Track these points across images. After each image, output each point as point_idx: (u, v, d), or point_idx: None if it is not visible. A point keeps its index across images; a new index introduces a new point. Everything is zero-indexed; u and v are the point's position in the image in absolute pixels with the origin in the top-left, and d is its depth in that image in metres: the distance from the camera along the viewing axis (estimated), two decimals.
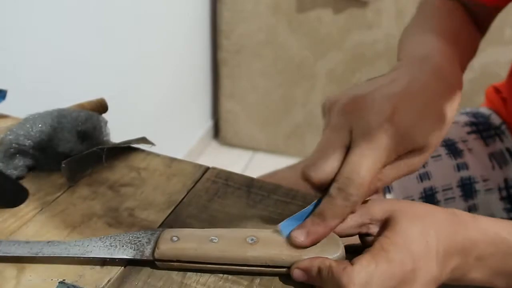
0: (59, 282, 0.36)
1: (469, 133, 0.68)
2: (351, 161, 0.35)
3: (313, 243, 0.36)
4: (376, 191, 0.37)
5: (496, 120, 0.70)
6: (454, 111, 0.39)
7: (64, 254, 0.38)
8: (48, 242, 0.39)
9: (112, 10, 1.16)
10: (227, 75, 1.75)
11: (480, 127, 0.69)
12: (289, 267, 0.36)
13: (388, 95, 0.37)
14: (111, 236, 0.39)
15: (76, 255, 0.38)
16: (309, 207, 0.37)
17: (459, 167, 0.64)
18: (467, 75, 1.52)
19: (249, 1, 1.59)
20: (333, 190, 0.35)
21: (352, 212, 0.36)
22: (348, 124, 0.36)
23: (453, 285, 0.38)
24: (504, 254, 0.37)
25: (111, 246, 0.38)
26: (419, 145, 0.36)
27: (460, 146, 0.66)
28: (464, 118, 0.71)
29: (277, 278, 0.37)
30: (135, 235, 0.39)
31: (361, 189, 0.34)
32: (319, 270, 0.34)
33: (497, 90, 0.73)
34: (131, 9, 1.24)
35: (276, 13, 1.59)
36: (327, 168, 0.35)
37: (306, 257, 0.36)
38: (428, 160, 0.63)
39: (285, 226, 0.37)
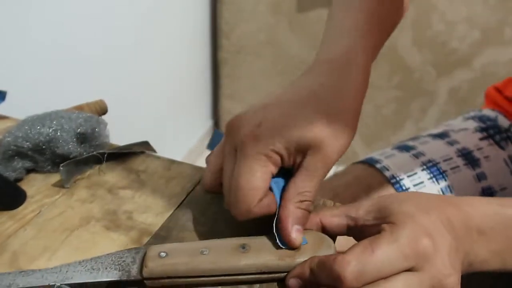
0: None
1: (481, 139, 0.67)
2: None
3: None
4: (307, 208, 0.37)
5: (503, 122, 0.69)
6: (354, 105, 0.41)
7: (41, 283, 0.34)
8: (21, 272, 0.35)
9: (112, 11, 1.16)
10: (227, 75, 1.75)
11: (491, 132, 0.67)
12: (285, 272, 0.36)
13: (256, 109, 0.39)
14: (91, 259, 0.36)
15: (56, 283, 0.34)
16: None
17: (479, 178, 0.63)
18: (467, 75, 1.53)
19: (249, 1, 1.59)
20: None
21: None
22: (231, 144, 0.39)
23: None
24: (504, 226, 0.36)
25: (93, 269, 0.35)
26: (300, 143, 0.37)
27: (477, 154, 0.65)
28: (472, 124, 0.70)
29: (275, 284, 0.36)
30: (117, 255, 0.37)
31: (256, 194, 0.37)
32: (311, 270, 0.34)
33: (498, 90, 0.72)
34: (131, 10, 1.24)
35: (276, 13, 1.59)
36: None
37: (300, 259, 0.35)
38: (447, 173, 0.63)
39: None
